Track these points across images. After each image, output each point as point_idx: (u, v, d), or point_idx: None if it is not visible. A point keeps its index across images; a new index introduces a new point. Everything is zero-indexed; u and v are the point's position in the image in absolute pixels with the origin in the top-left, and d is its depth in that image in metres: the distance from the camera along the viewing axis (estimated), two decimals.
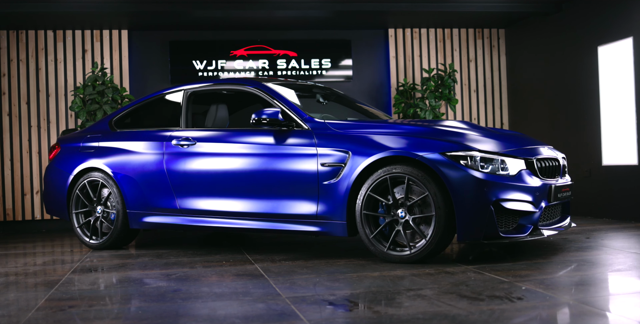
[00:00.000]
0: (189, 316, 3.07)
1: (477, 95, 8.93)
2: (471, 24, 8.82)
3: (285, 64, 8.58)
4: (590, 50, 7.16)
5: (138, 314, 3.13)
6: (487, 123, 8.92)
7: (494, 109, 8.96)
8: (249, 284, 3.81)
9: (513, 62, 8.82)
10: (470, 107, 8.90)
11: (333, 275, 4.02)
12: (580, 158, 7.40)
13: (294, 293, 3.50)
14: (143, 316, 3.08)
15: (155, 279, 4.13)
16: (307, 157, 4.74)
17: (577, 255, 4.50)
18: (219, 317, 3.00)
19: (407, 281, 3.75)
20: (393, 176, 4.38)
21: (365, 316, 2.96)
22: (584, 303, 3.02)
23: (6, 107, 7.92)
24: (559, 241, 5.29)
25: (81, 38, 8.13)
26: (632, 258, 4.29)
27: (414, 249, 4.31)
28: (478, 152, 4.28)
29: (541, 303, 3.04)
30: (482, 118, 8.90)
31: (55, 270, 4.69)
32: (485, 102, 8.95)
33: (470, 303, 3.10)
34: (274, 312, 3.08)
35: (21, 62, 7.98)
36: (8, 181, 7.88)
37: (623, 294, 3.28)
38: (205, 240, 6.33)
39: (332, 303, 3.23)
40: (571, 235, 5.62)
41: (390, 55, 8.77)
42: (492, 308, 2.98)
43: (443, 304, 3.10)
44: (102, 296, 3.60)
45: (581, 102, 7.39)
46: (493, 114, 8.95)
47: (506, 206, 4.24)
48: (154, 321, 2.98)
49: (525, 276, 3.78)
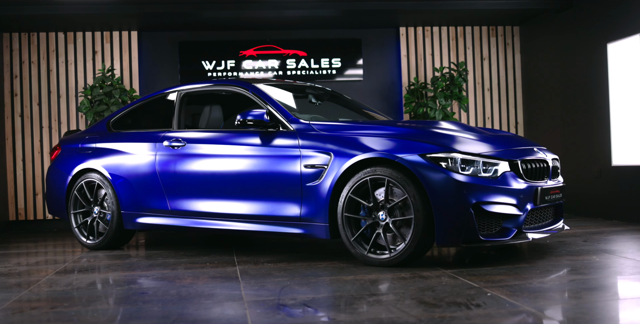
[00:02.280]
0: (140, 318, 3.05)
1: (490, 94, 8.77)
2: (484, 22, 8.67)
3: (294, 64, 8.55)
4: (599, 47, 6.96)
5: (92, 317, 3.13)
6: (501, 122, 8.75)
7: (508, 108, 8.79)
8: (217, 287, 3.79)
9: (528, 60, 8.64)
10: (483, 106, 8.74)
11: (306, 278, 3.97)
12: (591, 159, 7.20)
13: (256, 297, 3.46)
14: (94, 319, 3.08)
15: (130, 281, 4.14)
16: (290, 159, 4.70)
17: (563, 260, 4.37)
18: (168, 321, 2.98)
19: (376, 285, 3.68)
20: (374, 178, 4.32)
21: (311, 321, 2.91)
22: (541, 312, 2.92)
23: (18, 108, 8.06)
24: (555, 244, 5.15)
25: (91, 39, 8.22)
26: (619, 264, 4.14)
27: (394, 252, 4.23)
28: (459, 154, 4.18)
29: (496, 311, 2.95)
30: (496, 117, 8.74)
31: (40, 270, 4.74)
32: (500, 101, 8.79)
33: (425, 310, 3.03)
34: (225, 316, 3.05)
35: (32, 64, 8.10)
36: (20, 181, 8.02)
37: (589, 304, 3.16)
38: (207, 241, 6.33)
39: (288, 308, 3.18)
40: (569, 238, 5.47)
41: (401, 54, 8.67)
42: (444, 316, 2.90)
43: (397, 311, 3.03)
44: (68, 298, 3.62)
45: (591, 101, 7.19)
46: (507, 113, 8.78)
47: (487, 209, 4.13)
48: None
49: (498, 281, 3.68)
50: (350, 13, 7.95)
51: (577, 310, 2.95)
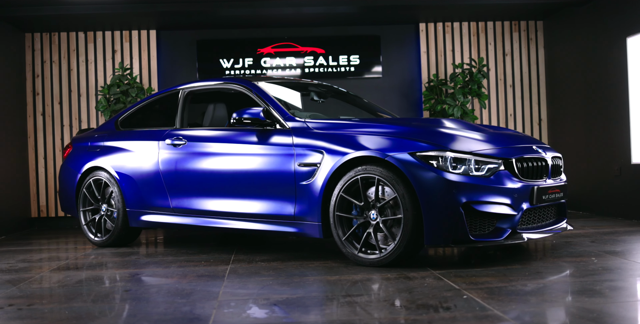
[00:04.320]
0: (105, 317, 3.06)
1: (513, 91, 8.58)
2: (507, 17, 8.48)
3: (312, 61, 8.51)
4: (618, 41, 6.74)
5: (63, 314, 3.15)
6: (524, 120, 8.56)
7: (531, 105, 8.59)
8: (199, 286, 3.78)
9: (551, 55, 8.42)
10: (506, 102, 8.56)
11: (290, 278, 3.93)
12: (611, 156, 6.99)
13: (231, 296, 3.44)
14: (64, 316, 3.10)
15: (117, 279, 4.16)
16: (285, 157, 4.66)
17: (560, 261, 4.23)
18: (132, 320, 2.98)
19: (356, 286, 3.62)
20: (364, 177, 4.25)
21: (273, 322, 2.87)
22: (505, 315, 2.83)
23: (40, 106, 8.20)
24: (561, 244, 5.00)
25: (111, 39, 8.32)
26: (616, 267, 3.99)
27: (384, 252, 4.16)
28: (450, 152, 4.08)
29: (462, 315, 2.87)
30: (519, 114, 8.55)
31: (39, 267, 4.81)
32: (522, 97, 8.59)
33: (391, 313, 2.96)
34: (190, 316, 3.04)
35: (54, 63, 8.24)
36: (42, 179, 8.16)
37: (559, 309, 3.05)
38: (221, 239, 6.27)
39: (257, 308, 3.15)
40: (578, 238, 5.30)
41: (421, 50, 8.55)
42: (408, 318, 2.83)
43: (363, 313, 2.97)
44: (50, 295, 3.65)
45: (610, 97, 6.97)
46: (530, 110, 8.58)
47: (479, 208, 4.03)
48: (68, 322, 2.99)
49: (482, 283, 3.58)
50: (369, 9, 7.86)
51: (542, 316, 2.84)
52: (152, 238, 6.59)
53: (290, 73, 8.51)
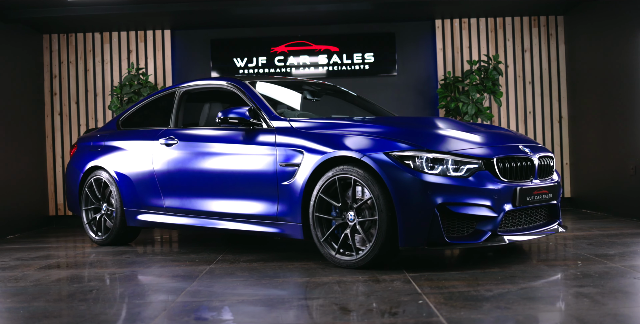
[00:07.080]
0: (55, 317, 3.07)
1: (532, 88, 8.35)
2: (525, 12, 8.26)
3: (326, 59, 8.44)
4: (633, 35, 6.48)
5: (17, 314, 3.17)
6: (543, 117, 8.32)
7: (551, 102, 8.35)
8: (166, 287, 3.77)
9: (572, 50, 8.16)
10: (525, 100, 8.34)
11: (260, 280, 3.89)
12: (627, 155, 6.73)
13: (190, 298, 3.42)
14: (17, 316, 3.12)
15: (91, 279, 4.18)
16: (267, 157, 4.62)
17: (542, 265, 4.08)
18: (78, 321, 2.98)
19: (319, 289, 3.55)
20: (342, 177, 4.18)
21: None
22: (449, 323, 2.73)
23: (57, 107, 8.35)
24: (556, 246, 4.84)
25: (126, 39, 8.41)
26: (595, 271, 3.82)
27: (360, 254, 4.08)
28: (426, 152, 3.98)
29: (405, 321, 2.78)
30: (538, 112, 8.32)
31: (28, 265, 4.87)
32: (542, 94, 8.36)
33: (335, 318, 2.89)
34: (135, 317, 3.02)
35: (71, 64, 8.37)
36: (60, 178, 8.31)
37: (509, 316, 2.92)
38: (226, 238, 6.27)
39: (207, 310, 3.12)
40: (577, 240, 5.12)
41: (437, 47, 8.40)
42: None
43: (307, 317, 2.91)
44: (18, 294, 3.69)
45: (626, 93, 6.71)
46: (550, 108, 8.34)
47: (455, 210, 3.92)
48: (16, 321, 3.00)
49: (447, 287, 3.47)
50: (384, 6, 7.76)
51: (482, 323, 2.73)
52: (166, 236, 6.62)
53: (304, 72, 8.45)
